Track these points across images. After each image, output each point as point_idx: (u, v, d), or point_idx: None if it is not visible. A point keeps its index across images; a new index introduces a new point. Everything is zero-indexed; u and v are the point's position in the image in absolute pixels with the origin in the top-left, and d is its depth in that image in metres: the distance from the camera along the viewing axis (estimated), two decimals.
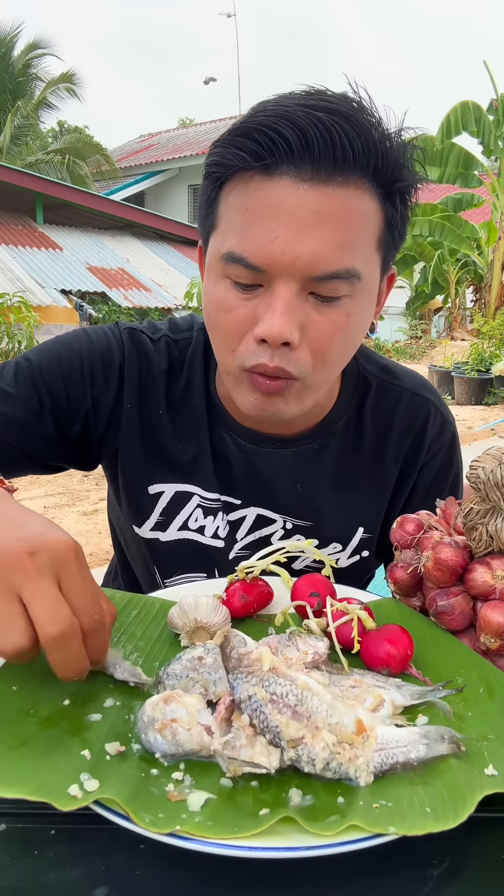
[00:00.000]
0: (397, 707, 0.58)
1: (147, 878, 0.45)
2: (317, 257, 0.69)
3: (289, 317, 0.70)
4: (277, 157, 0.68)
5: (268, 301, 0.71)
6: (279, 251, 0.69)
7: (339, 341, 0.75)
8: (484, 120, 10.76)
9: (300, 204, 0.68)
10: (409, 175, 0.74)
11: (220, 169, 0.72)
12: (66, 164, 15.29)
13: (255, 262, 0.70)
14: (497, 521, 0.65)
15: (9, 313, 7.05)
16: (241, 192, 0.71)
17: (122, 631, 0.69)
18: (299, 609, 0.72)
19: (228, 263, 0.72)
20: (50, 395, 0.86)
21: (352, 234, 0.71)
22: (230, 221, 0.73)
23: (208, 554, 0.92)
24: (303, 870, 0.45)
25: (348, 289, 0.72)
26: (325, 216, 0.68)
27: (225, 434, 0.91)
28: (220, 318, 0.75)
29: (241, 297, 0.73)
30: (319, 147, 0.67)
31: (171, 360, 0.91)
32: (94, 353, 0.88)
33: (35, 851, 0.46)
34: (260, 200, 0.69)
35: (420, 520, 0.76)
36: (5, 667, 0.60)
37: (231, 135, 0.71)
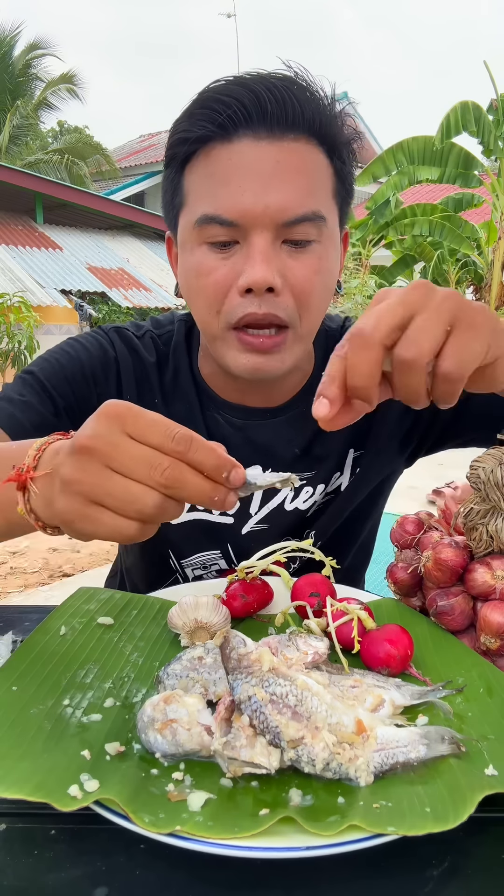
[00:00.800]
0: (397, 707, 0.58)
1: (147, 878, 0.45)
2: (284, 203, 0.74)
3: (268, 263, 0.75)
4: (235, 121, 0.74)
5: (245, 253, 0.76)
6: (250, 202, 0.74)
7: (317, 284, 0.79)
8: (484, 120, 10.76)
9: (261, 158, 0.75)
10: (349, 132, 0.82)
11: (183, 146, 0.77)
12: (66, 164, 15.30)
13: (230, 216, 0.75)
14: (497, 521, 0.65)
15: (9, 313, 7.04)
16: (203, 163, 0.77)
17: (123, 631, 0.69)
18: (299, 609, 0.72)
19: (203, 226, 0.76)
20: (61, 397, 0.88)
21: (311, 181, 0.77)
22: (198, 191, 0.78)
23: (219, 532, 0.94)
24: (303, 870, 0.45)
25: (316, 233, 0.77)
26: (285, 166, 0.75)
27: (216, 415, 0.93)
28: (200, 283, 0.78)
29: (218, 257, 0.77)
30: (273, 108, 0.74)
31: (158, 352, 0.95)
32: (89, 355, 0.91)
33: (35, 851, 0.46)
34: (223, 163, 0.75)
35: (420, 520, 0.76)
36: (5, 667, 0.60)
37: (190, 110, 0.77)
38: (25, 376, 0.89)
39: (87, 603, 0.73)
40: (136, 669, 0.64)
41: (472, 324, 0.52)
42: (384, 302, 0.53)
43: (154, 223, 13.04)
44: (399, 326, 0.51)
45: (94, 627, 0.69)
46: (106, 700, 0.58)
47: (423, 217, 11.72)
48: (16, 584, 3.34)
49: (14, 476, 0.56)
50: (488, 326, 0.53)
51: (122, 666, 0.64)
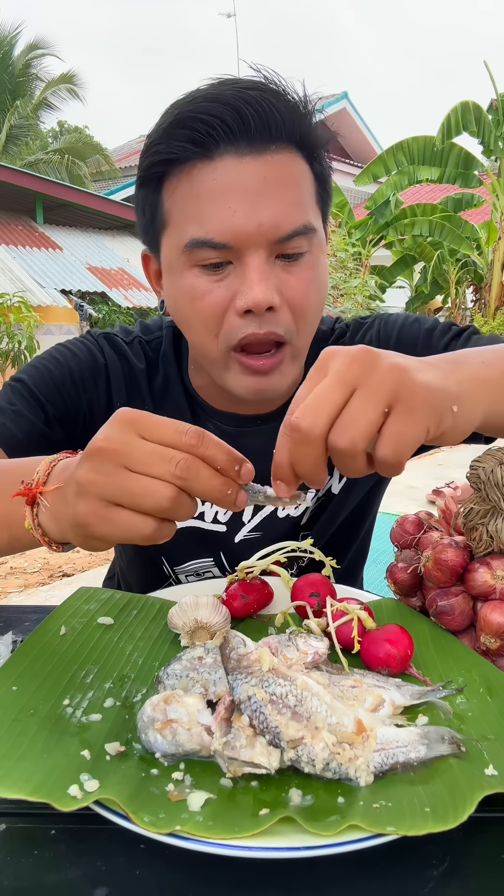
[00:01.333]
0: (397, 707, 0.58)
1: (147, 878, 0.45)
2: (276, 219, 0.73)
3: (265, 282, 0.73)
4: (217, 139, 0.72)
5: (241, 274, 0.74)
6: (241, 223, 0.72)
7: (312, 296, 0.79)
8: (484, 120, 10.77)
9: (247, 175, 0.73)
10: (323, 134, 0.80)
11: (161, 167, 0.76)
12: (66, 164, 15.30)
13: (222, 239, 0.73)
14: (497, 521, 0.65)
15: (9, 313, 7.04)
16: (186, 182, 0.75)
17: (123, 631, 0.69)
18: (299, 609, 0.72)
19: (193, 250, 0.74)
20: (52, 405, 0.88)
21: (298, 192, 0.76)
22: (183, 213, 0.75)
23: (212, 539, 0.94)
24: (303, 870, 0.45)
25: (307, 244, 0.77)
26: (272, 180, 0.74)
27: (207, 423, 0.93)
28: (195, 307, 0.77)
29: (212, 279, 0.75)
30: (255, 123, 0.72)
31: (147, 358, 0.94)
32: (77, 361, 0.91)
33: (35, 851, 0.46)
34: (208, 183, 0.73)
35: (420, 520, 0.76)
36: (5, 667, 0.60)
37: (166, 129, 0.75)
38: (14, 384, 0.89)
39: (87, 603, 0.73)
40: (136, 669, 0.64)
41: (411, 407, 0.49)
42: (325, 381, 0.50)
43: None
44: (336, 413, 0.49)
45: (94, 627, 0.69)
46: (106, 700, 0.58)
47: (423, 217, 11.72)
48: (16, 584, 3.34)
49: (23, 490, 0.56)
50: (430, 406, 0.51)
51: (122, 666, 0.64)
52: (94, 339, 0.94)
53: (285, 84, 0.77)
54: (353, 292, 9.45)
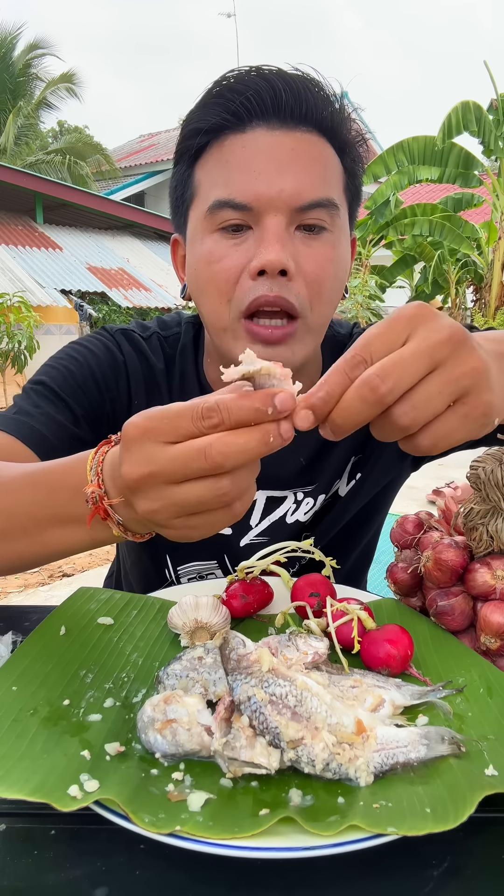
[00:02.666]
0: (397, 707, 0.58)
1: (147, 878, 0.44)
2: (300, 186, 0.74)
3: (282, 244, 0.74)
4: (250, 111, 0.75)
5: (259, 237, 0.75)
6: (265, 186, 0.74)
7: (329, 273, 0.78)
8: (484, 120, 10.76)
9: (276, 145, 0.75)
10: (356, 131, 0.83)
11: (195, 138, 0.78)
12: (67, 164, 15.30)
13: (244, 200, 0.74)
14: (497, 521, 0.65)
15: (9, 313, 7.04)
16: (217, 153, 0.77)
17: (123, 631, 0.69)
18: (299, 609, 0.72)
19: (216, 211, 0.76)
20: (78, 405, 0.87)
21: (323, 170, 0.78)
22: (210, 180, 0.78)
23: (217, 542, 0.94)
24: (303, 870, 0.45)
25: (329, 220, 0.78)
26: (300, 153, 0.76)
27: None
28: (211, 270, 0.77)
29: (230, 243, 0.76)
30: (287, 98, 0.75)
31: (166, 356, 0.94)
32: (97, 360, 0.90)
33: (35, 851, 0.46)
34: (237, 152, 0.76)
35: (420, 520, 0.76)
36: (5, 667, 0.60)
37: (204, 100, 0.78)
38: (36, 387, 0.87)
39: (87, 603, 0.73)
40: (136, 669, 0.64)
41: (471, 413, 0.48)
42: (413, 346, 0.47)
43: (154, 223, 13.04)
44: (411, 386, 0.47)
45: (94, 627, 0.69)
46: (106, 700, 0.58)
47: (423, 217, 11.72)
48: (16, 584, 3.34)
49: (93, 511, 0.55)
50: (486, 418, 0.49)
51: (122, 666, 0.64)
52: (112, 335, 0.93)
53: (322, 79, 0.80)
54: (353, 292, 9.45)
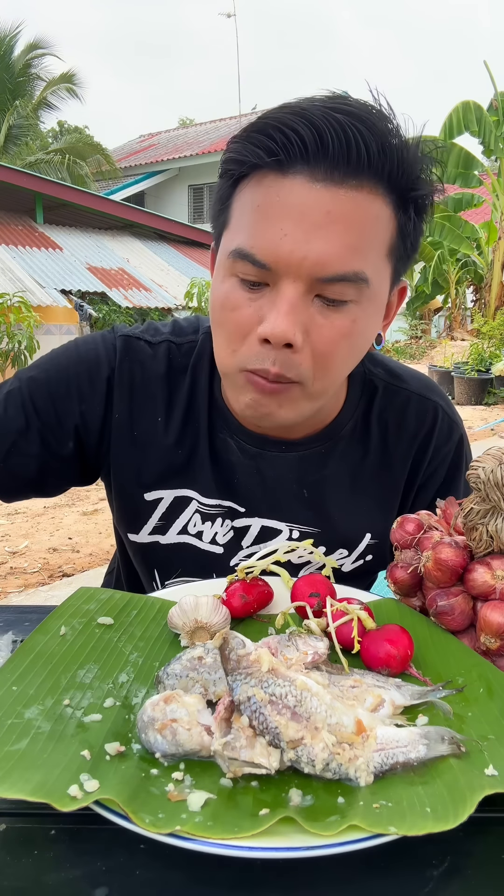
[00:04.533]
0: (397, 707, 0.58)
1: (147, 878, 0.45)
2: (325, 257, 0.68)
3: (293, 317, 0.70)
4: (292, 155, 0.68)
5: (272, 300, 0.71)
6: (288, 249, 0.68)
7: (342, 348, 0.74)
8: (485, 120, 10.77)
9: (312, 203, 0.68)
10: (425, 185, 0.74)
11: (235, 166, 0.72)
12: (67, 164, 15.30)
13: (263, 259, 0.69)
14: (497, 521, 0.65)
15: (9, 313, 7.04)
16: (253, 189, 0.71)
17: (123, 631, 0.69)
18: (299, 609, 0.72)
19: (236, 260, 0.72)
20: (38, 414, 0.86)
21: (362, 237, 0.70)
22: (241, 219, 0.73)
23: (207, 559, 0.92)
24: (303, 870, 0.45)
25: (355, 294, 0.71)
26: (336, 217, 0.68)
27: (228, 438, 0.89)
28: (224, 317, 0.75)
29: (246, 296, 0.73)
30: (335, 147, 0.67)
31: (172, 364, 0.90)
32: (80, 367, 0.88)
33: (35, 851, 0.46)
34: (272, 198, 0.69)
35: (420, 520, 0.76)
36: (5, 667, 0.60)
37: (248, 131, 0.71)
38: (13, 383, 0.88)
39: (87, 603, 0.73)
40: (136, 669, 0.64)
41: None
42: None
43: (154, 223, 13.04)
44: None
45: (94, 627, 0.69)
46: (106, 700, 0.58)
47: None
48: (16, 584, 3.34)
49: None
50: None
51: (122, 666, 0.64)
52: (114, 339, 0.90)
53: (393, 117, 0.71)
54: None
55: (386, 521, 0.93)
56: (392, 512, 0.95)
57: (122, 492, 0.92)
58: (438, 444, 0.94)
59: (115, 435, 0.89)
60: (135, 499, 0.91)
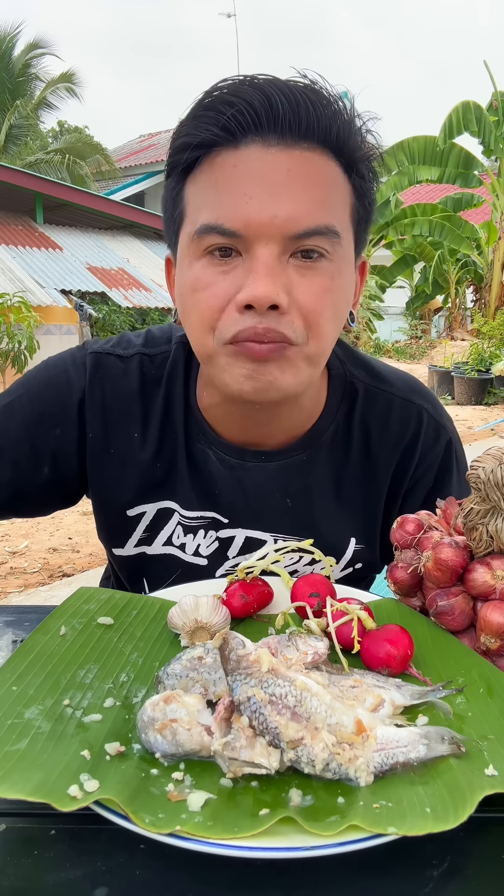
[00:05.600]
0: (397, 707, 0.58)
1: (147, 878, 0.45)
2: (294, 213, 0.68)
3: (272, 278, 0.68)
4: (243, 125, 0.68)
5: (248, 267, 0.69)
6: (255, 211, 0.67)
7: (327, 305, 0.72)
8: (485, 119, 10.77)
9: (270, 165, 0.68)
10: (368, 146, 0.75)
11: (186, 153, 0.71)
12: (67, 164, 15.29)
13: (231, 226, 0.68)
14: (497, 521, 0.65)
15: (9, 313, 7.04)
16: (206, 171, 0.71)
17: (123, 631, 0.69)
18: (299, 609, 0.72)
19: (203, 236, 0.70)
20: (12, 444, 0.86)
21: (326, 193, 0.70)
22: (199, 201, 0.71)
23: (191, 571, 0.90)
24: (303, 870, 0.45)
25: (329, 247, 0.71)
26: (297, 174, 0.68)
27: (207, 449, 0.87)
28: (196, 298, 0.72)
29: (218, 271, 0.70)
30: (284, 111, 0.68)
31: (145, 377, 0.88)
32: (50, 393, 0.87)
33: (35, 851, 0.46)
34: (228, 170, 0.69)
35: (420, 520, 0.76)
36: (5, 667, 0.60)
37: (195, 111, 0.71)
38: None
39: (87, 603, 0.73)
40: (136, 669, 0.64)
41: None
42: None
43: (154, 223, 13.03)
44: None
45: (94, 627, 0.69)
46: (106, 700, 0.58)
47: (423, 217, 11.73)
48: (16, 584, 3.34)
49: None
50: None
51: (122, 666, 0.64)
52: (84, 358, 0.88)
53: (331, 90, 0.72)
54: None
55: (371, 527, 0.93)
56: (377, 518, 0.93)
57: (104, 509, 0.91)
58: (425, 448, 0.91)
59: (90, 455, 0.88)
60: (118, 515, 0.90)
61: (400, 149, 11.23)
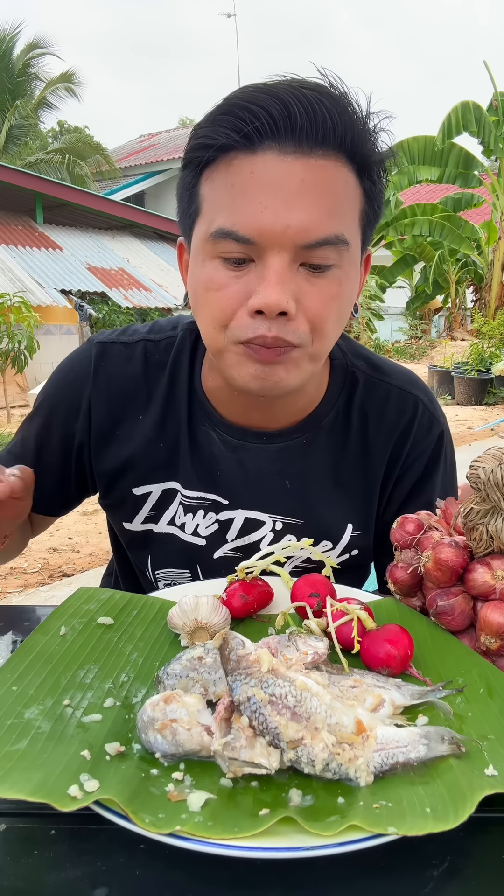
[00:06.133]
0: (397, 707, 0.58)
1: (147, 878, 0.45)
2: (307, 224, 0.70)
3: (282, 286, 0.71)
4: (261, 132, 0.70)
5: (260, 274, 0.72)
6: (269, 221, 0.70)
7: (333, 311, 0.75)
8: (484, 120, 10.76)
9: (286, 174, 0.70)
10: (382, 151, 0.77)
11: (203, 151, 0.73)
12: (67, 164, 15.29)
13: (246, 234, 0.70)
14: (497, 521, 0.65)
15: (9, 313, 7.04)
16: (223, 172, 0.73)
17: (123, 631, 0.69)
18: (299, 609, 0.72)
19: (218, 240, 0.72)
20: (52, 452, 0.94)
21: (338, 202, 0.73)
22: (215, 201, 0.73)
23: (190, 551, 0.93)
24: (303, 870, 0.45)
25: (337, 257, 0.73)
26: (310, 185, 0.71)
27: (210, 430, 0.90)
28: (209, 297, 0.75)
29: (231, 274, 0.73)
30: (302, 120, 0.69)
31: (149, 361, 0.92)
32: (68, 390, 0.93)
33: (35, 851, 0.46)
34: (245, 175, 0.71)
35: (420, 520, 0.76)
36: (5, 667, 0.60)
37: (214, 115, 0.73)
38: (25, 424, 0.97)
39: (87, 603, 0.73)
40: (136, 669, 0.64)
41: None
42: None
43: (154, 223, 13.04)
44: None
45: (94, 627, 0.69)
46: (106, 700, 0.58)
47: (423, 217, 11.72)
48: (16, 584, 3.34)
49: None
50: None
51: (122, 666, 0.64)
52: (90, 350, 0.93)
53: (348, 92, 0.74)
54: None
55: (367, 513, 0.95)
56: (373, 504, 0.95)
57: (112, 488, 0.94)
58: (417, 437, 0.94)
59: (95, 437, 0.92)
60: (125, 494, 0.93)
61: (399, 149, 11.22)
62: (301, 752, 0.50)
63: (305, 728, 0.51)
